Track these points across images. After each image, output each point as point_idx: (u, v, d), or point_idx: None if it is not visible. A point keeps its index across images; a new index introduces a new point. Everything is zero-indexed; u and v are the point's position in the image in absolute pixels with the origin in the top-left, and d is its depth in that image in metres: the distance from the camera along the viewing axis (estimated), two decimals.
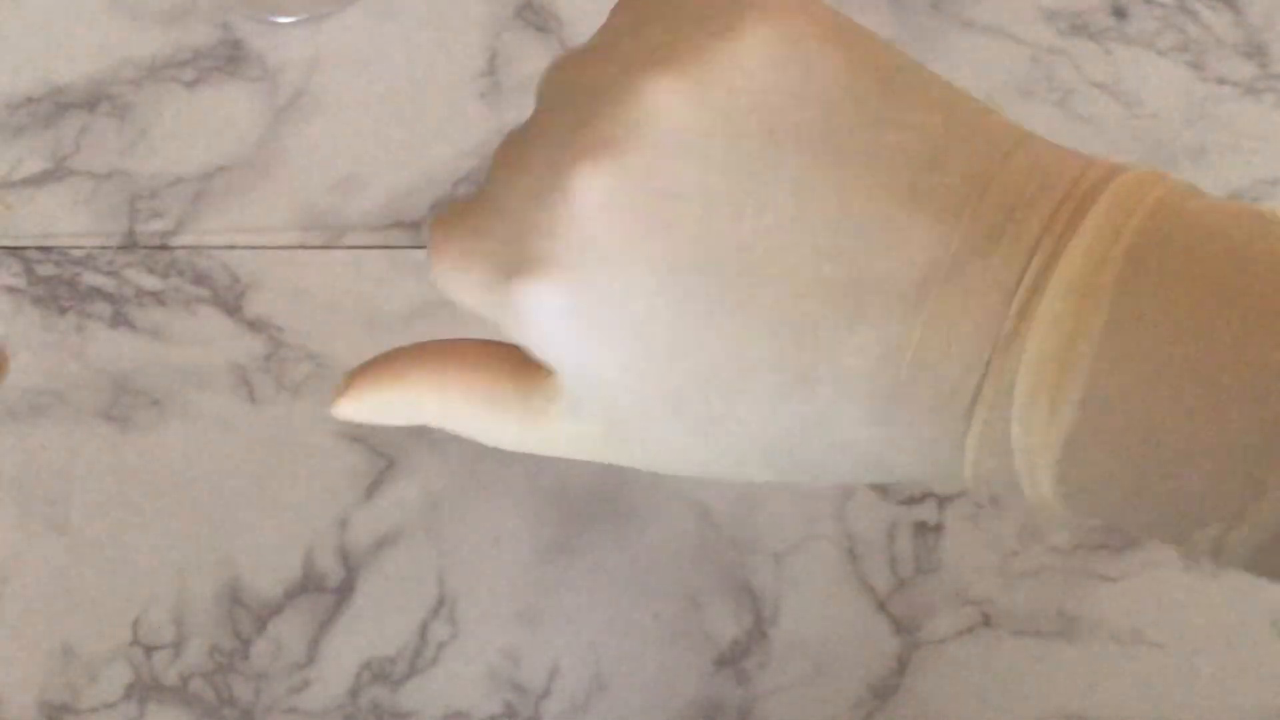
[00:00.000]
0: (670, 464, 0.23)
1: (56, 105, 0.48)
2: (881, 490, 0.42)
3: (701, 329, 0.20)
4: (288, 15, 0.49)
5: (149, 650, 0.41)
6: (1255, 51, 0.49)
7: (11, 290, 0.45)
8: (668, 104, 0.20)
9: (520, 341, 0.22)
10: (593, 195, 0.20)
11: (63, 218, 0.46)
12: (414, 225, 0.46)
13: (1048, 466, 0.19)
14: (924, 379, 0.20)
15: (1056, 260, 0.19)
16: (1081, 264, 0.19)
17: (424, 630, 0.41)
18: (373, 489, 0.42)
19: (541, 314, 0.21)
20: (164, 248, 0.46)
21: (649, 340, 0.20)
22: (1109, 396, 0.18)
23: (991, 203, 0.20)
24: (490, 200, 0.22)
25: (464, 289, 0.23)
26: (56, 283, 0.45)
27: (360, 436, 0.43)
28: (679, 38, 0.20)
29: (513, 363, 0.23)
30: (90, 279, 0.45)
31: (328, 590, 0.41)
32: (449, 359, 0.24)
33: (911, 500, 0.42)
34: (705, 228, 0.20)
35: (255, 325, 0.44)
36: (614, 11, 0.23)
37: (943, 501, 0.42)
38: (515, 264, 0.21)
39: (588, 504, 0.42)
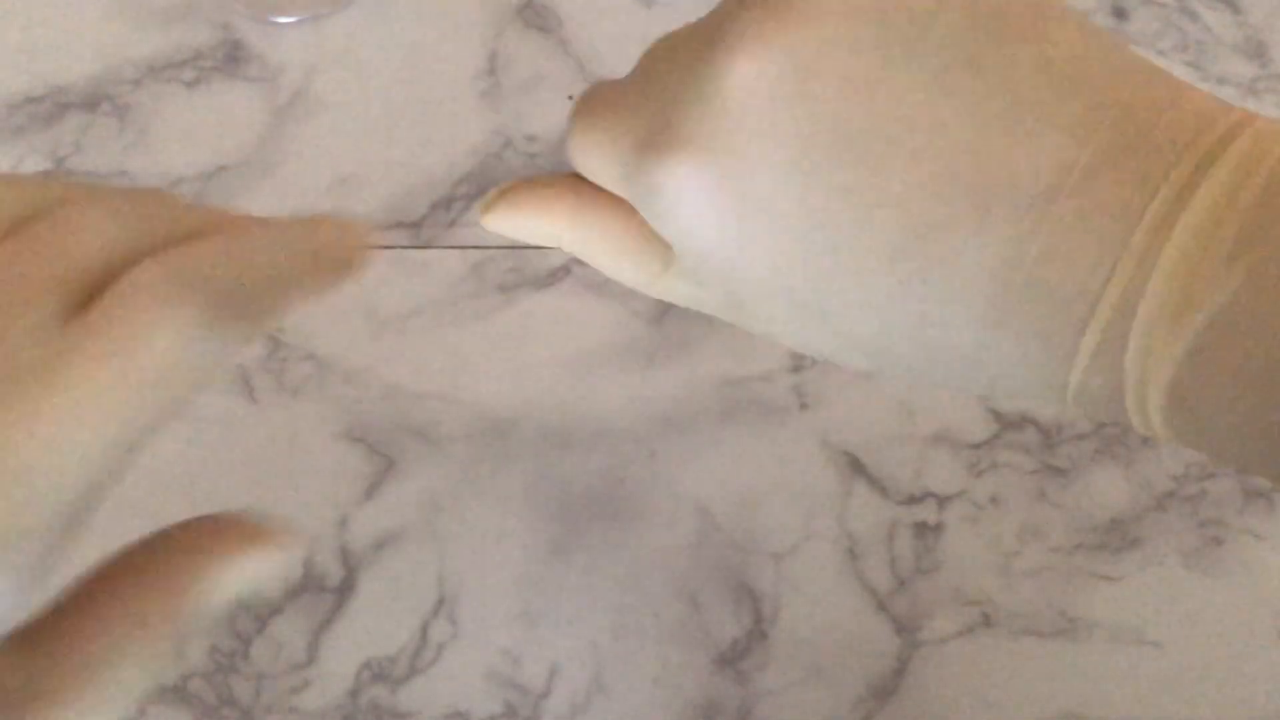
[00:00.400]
0: (782, 336, 0.24)
1: (57, 105, 0.48)
2: (881, 490, 0.42)
3: (826, 211, 0.20)
4: (288, 15, 0.49)
5: None
6: (1256, 52, 0.49)
7: None
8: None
9: (648, 214, 0.23)
10: (739, 78, 0.20)
11: None
12: (414, 225, 0.46)
13: (1162, 384, 0.19)
14: (1041, 287, 0.20)
15: (1198, 181, 0.19)
16: (1222, 185, 0.19)
17: (424, 630, 0.41)
18: (373, 489, 0.42)
19: (674, 188, 0.21)
20: None
21: (773, 219, 0.21)
22: (1239, 315, 0.18)
23: (1128, 123, 0.20)
24: (639, 82, 0.23)
25: (603, 161, 0.23)
26: None
27: (360, 437, 0.43)
28: None
29: (640, 220, 0.24)
30: None
31: (328, 590, 0.41)
32: (586, 202, 0.24)
33: (911, 500, 0.42)
34: (841, 111, 0.20)
35: None
36: None
37: (943, 501, 0.42)
38: (657, 140, 0.21)
39: (588, 504, 0.42)
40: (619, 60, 0.48)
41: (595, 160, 0.23)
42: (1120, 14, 0.49)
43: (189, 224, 0.20)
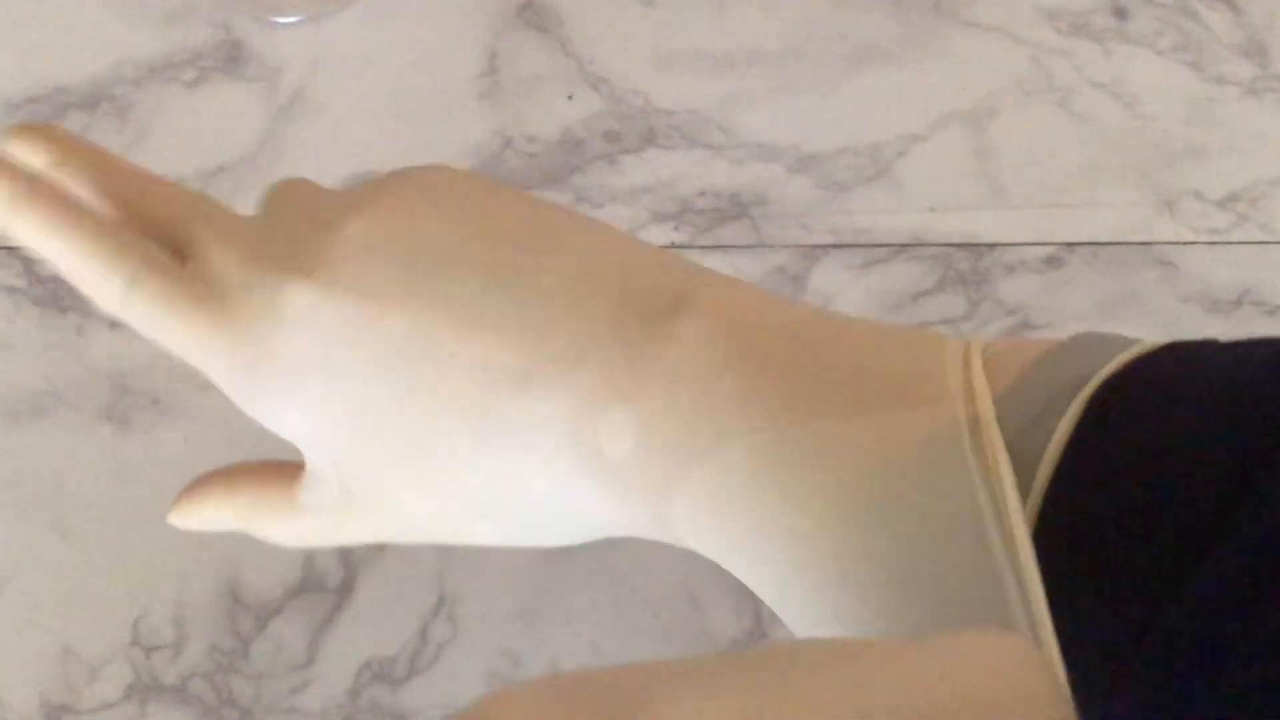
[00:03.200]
0: (396, 525, 0.27)
1: (57, 105, 0.48)
2: None
3: (404, 402, 0.25)
4: (288, 16, 0.49)
5: (149, 650, 0.41)
6: (1255, 51, 0.49)
7: (12, 290, 0.45)
8: (357, 231, 0.25)
9: (260, 420, 0.27)
10: (353, 232, 0.25)
11: None
12: None
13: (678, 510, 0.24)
14: (589, 429, 0.24)
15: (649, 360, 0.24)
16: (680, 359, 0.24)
17: (424, 630, 0.41)
18: None
19: (290, 301, 0.25)
20: None
21: (364, 412, 0.25)
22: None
23: (622, 314, 0.25)
24: (267, 221, 0.27)
25: (232, 269, 0.27)
26: (57, 283, 0.45)
27: None
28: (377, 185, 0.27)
29: (287, 473, 0.28)
30: None
31: (328, 590, 0.41)
32: (238, 475, 0.29)
33: None
34: (402, 321, 0.24)
35: None
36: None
37: None
38: (284, 263, 0.25)
39: None
40: (619, 60, 0.48)
41: (197, 360, 0.27)
42: (1120, 14, 0.49)
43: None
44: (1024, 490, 0.20)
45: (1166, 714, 0.18)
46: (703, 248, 0.45)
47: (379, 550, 0.42)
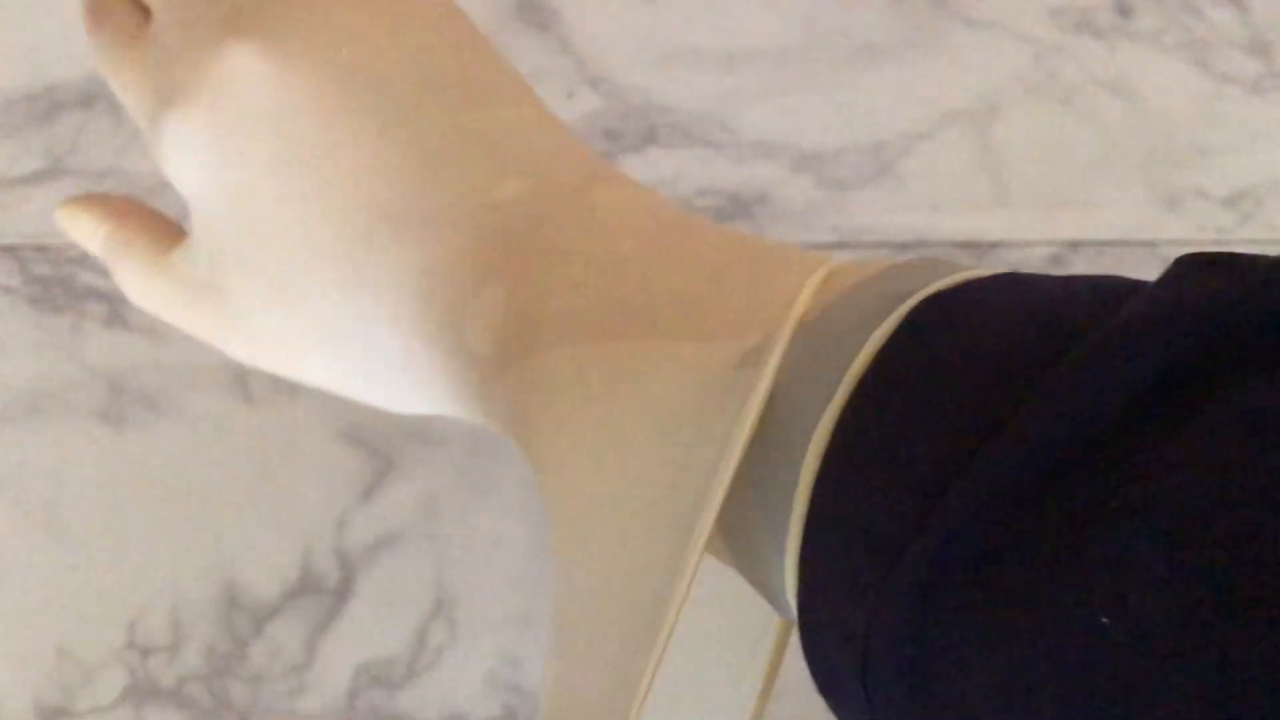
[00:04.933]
0: (248, 334, 0.27)
1: (53, 103, 0.47)
2: None
3: (284, 202, 0.25)
4: None
5: (145, 653, 0.41)
6: (1260, 49, 0.48)
7: (7, 290, 0.45)
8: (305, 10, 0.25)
9: (164, 165, 0.27)
10: (239, 61, 0.25)
11: None
12: None
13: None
14: (438, 300, 0.24)
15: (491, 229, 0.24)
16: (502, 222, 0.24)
17: (422, 633, 0.41)
18: (370, 490, 0.42)
19: (176, 134, 0.26)
20: None
21: (256, 178, 0.25)
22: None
23: (515, 179, 0.25)
24: (158, 44, 0.27)
25: (133, 105, 0.27)
26: (52, 282, 0.45)
27: (359, 438, 0.43)
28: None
29: (171, 232, 0.28)
30: (86, 278, 0.45)
31: (326, 592, 0.41)
32: (132, 208, 0.29)
33: None
34: (311, 122, 0.25)
35: None
36: None
37: None
38: (167, 96, 0.26)
39: None
40: (619, 57, 0.48)
41: (129, 101, 0.28)
42: (1124, 11, 0.49)
43: None
44: (827, 397, 0.20)
45: (927, 617, 0.18)
46: None
47: (377, 552, 0.41)
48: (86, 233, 0.29)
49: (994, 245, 0.45)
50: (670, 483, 0.21)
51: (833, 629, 0.20)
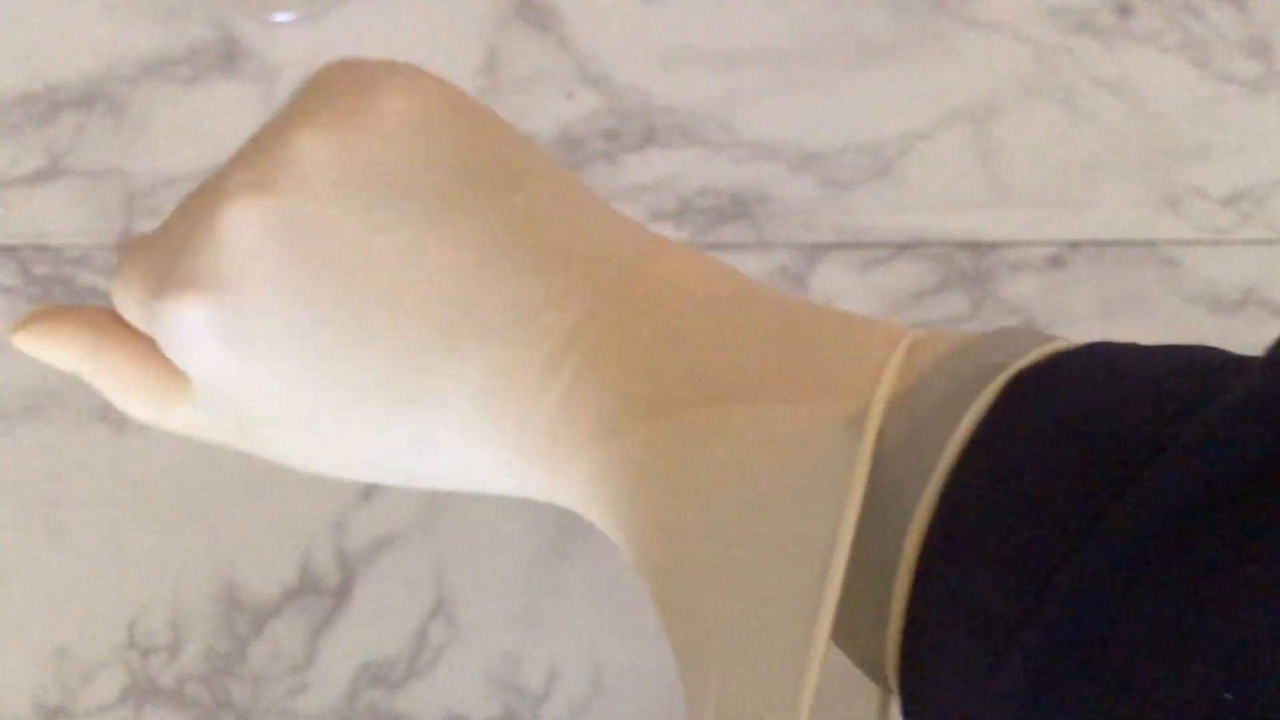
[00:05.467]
0: (298, 463, 0.26)
1: (52, 103, 0.47)
2: None
3: (320, 357, 0.23)
4: (285, 13, 0.49)
5: (145, 653, 0.41)
6: (1260, 49, 0.48)
7: (7, 290, 0.45)
8: (313, 152, 0.23)
9: (167, 349, 0.25)
10: (239, 227, 0.23)
11: (59, 216, 0.46)
12: None
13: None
14: (506, 403, 0.23)
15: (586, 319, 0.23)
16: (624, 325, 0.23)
17: (422, 633, 0.41)
18: (370, 490, 0.42)
19: (180, 323, 0.24)
20: None
21: (278, 354, 0.23)
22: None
23: (572, 266, 0.24)
24: (162, 230, 0.25)
25: (127, 303, 0.26)
26: (52, 282, 0.45)
27: None
28: (334, 103, 0.24)
29: (159, 358, 0.26)
30: (86, 278, 0.45)
31: (325, 592, 0.41)
32: (105, 337, 0.27)
33: None
34: (333, 264, 0.23)
35: None
36: (297, 89, 0.27)
37: None
38: (166, 281, 0.24)
39: None
40: (619, 57, 0.48)
41: (123, 302, 0.26)
42: (1124, 11, 0.49)
43: None
44: (925, 474, 0.20)
45: (1040, 701, 0.18)
46: (704, 246, 0.45)
47: (377, 552, 0.41)
48: (57, 361, 0.28)
49: (994, 245, 0.45)
50: (797, 537, 0.20)
51: (942, 710, 0.19)
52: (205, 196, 0.24)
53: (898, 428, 0.21)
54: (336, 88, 0.25)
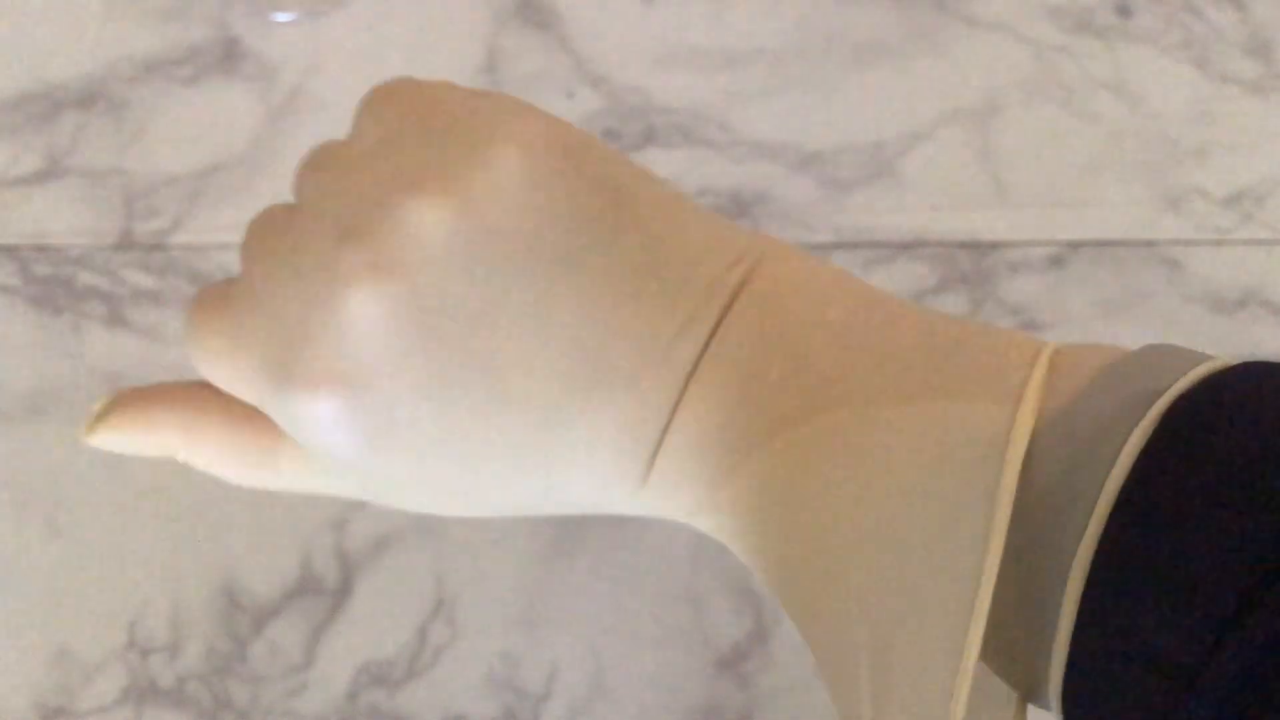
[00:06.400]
0: (417, 509, 0.26)
1: (52, 103, 0.47)
2: None
3: (456, 432, 0.23)
4: (285, 13, 0.49)
5: (145, 653, 0.41)
6: (1260, 50, 0.48)
7: (7, 290, 0.45)
8: (432, 226, 0.22)
9: (289, 430, 0.24)
10: (365, 315, 0.22)
11: (59, 217, 0.46)
12: None
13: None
14: (637, 444, 0.23)
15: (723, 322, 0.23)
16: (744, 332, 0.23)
17: (422, 633, 0.41)
18: None
19: (319, 423, 0.23)
20: (160, 247, 0.45)
21: (411, 438, 0.23)
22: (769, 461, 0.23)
23: (690, 298, 0.23)
24: (257, 296, 0.24)
25: (233, 383, 0.24)
26: (52, 282, 0.45)
27: None
28: (437, 159, 0.23)
29: (259, 420, 0.25)
30: (86, 278, 0.45)
31: (325, 592, 0.41)
32: (199, 416, 0.26)
33: None
34: (464, 340, 0.22)
35: None
36: (363, 117, 0.25)
37: None
38: (288, 372, 0.23)
39: None
40: (619, 57, 0.48)
41: (224, 379, 0.24)
42: (1124, 11, 0.49)
43: None
44: (1084, 506, 0.20)
45: None
46: None
47: (377, 552, 0.41)
48: (146, 450, 0.26)
49: (994, 245, 0.45)
50: (945, 550, 0.20)
51: None
52: (312, 266, 0.23)
53: (1052, 454, 0.20)
54: (436, 137, 0.23)
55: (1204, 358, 0.21)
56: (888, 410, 0.22)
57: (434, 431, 0.23)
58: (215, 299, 0.24)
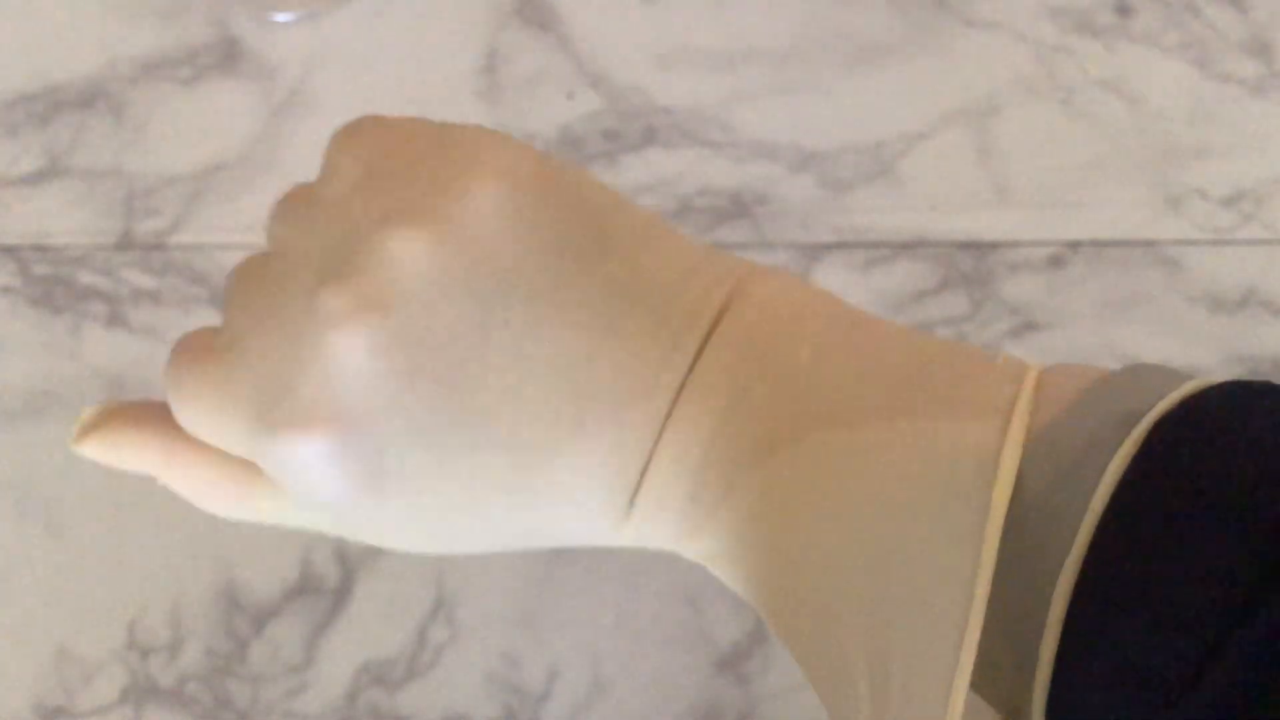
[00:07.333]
0: (398, 548, 0.25)
1: (52, 103, 0.47)
2: None
3: (445, 473, 0.22)
4: (285, 13, 0.49)
5: (145, 653, 0.41)
6: (1260, 49, 0.48)
7: (7, 290, 0.45)
8: (412, 260, 0.22)
9: (273, 474, 0.23)
10: (351, 357, 0.22)
11: (59, 217, 0.46)
12: None
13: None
14: (622, 477, 0.23)
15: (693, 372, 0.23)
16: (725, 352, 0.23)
17: (422, 633, 0.41)
18: None
19: (305, 466, 0.22)
20: (160, 247, 0.45)
21: (398, 486, 0.23)
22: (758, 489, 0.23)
23: (672, 325, 0.23)
24: (242, 345, 0.23)
25: (219, 435, 0.24)
26: (52, 282, 0.45)
27: None
28: (413, 194, 0.22)
29: (241, 463, 0.24)
30: (86, 278, 0.45)
31: (325, 592, 0.41)
32: (182, 442, 0.25)
33: None
34: (450, 377, 0.22)
35: None
36: (333, 157, 0.24)
37: None
38: (277, 418, 0.22)
39: None
40: (619, 57, 0.48)
41: (209, 432, 0.24)
42: (1124, 11, 0.49)
43: None
44: (1069, 526, 0.20)
45: None
46: None
47: (377, 552, 0.41)
48: (127, 464, 0.26)
49: (994, 245, 0.45)
50: (936, 571, 0.20)
51: None
52: (294, 311, 0.22)
53: (1037, 473, 0.20)
54: (414, 173, 0.23)
55: (1186, 377, 0.21)
56: (874, 430, 0.21)
57: (424, 473, 0.22)
58: (198, 350, 0.24)
